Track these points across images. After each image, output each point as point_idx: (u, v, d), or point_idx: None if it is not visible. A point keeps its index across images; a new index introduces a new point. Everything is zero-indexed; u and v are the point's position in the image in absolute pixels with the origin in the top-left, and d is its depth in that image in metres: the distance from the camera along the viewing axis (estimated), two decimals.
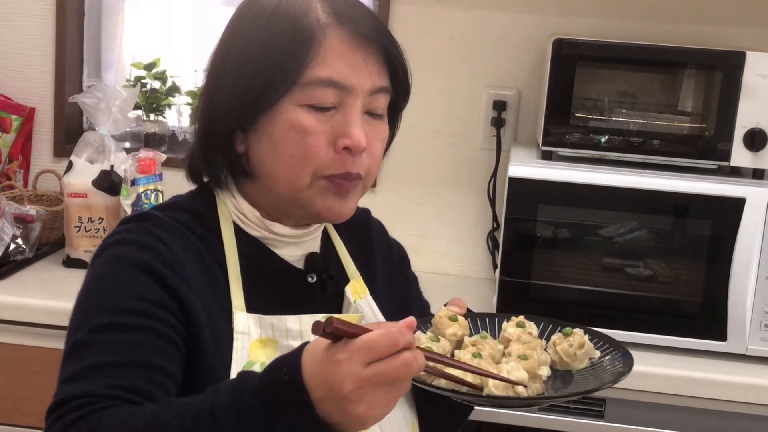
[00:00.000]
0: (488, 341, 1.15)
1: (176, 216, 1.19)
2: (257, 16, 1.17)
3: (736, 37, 2.22)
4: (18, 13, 2.47)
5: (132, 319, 1.06)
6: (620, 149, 2.00)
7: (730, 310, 1.88)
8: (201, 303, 1.12)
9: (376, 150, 1.18)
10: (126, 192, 2.10)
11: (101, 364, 1.04)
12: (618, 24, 2.26)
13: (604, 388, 1.11)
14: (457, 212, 2.38)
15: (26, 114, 2.45)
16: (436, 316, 1.20)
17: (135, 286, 1.09)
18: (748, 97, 1.93)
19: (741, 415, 1.82)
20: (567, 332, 1.17)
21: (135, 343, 1.05)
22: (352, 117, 1.14)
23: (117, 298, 1.08)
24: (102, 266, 1.13)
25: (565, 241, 1.98)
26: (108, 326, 1.06)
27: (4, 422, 1.95)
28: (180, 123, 2.56)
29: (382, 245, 1.39)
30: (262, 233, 1.22)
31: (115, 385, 1.02)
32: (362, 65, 1.14)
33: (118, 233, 1.16)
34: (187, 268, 1.13)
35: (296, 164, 1.14)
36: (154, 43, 2.55)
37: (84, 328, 1.07)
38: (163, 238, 1.14)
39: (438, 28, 2.33)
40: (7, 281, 2.03)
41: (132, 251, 1.12)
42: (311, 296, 1.24)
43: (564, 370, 1.16)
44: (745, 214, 1.87)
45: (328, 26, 1.13)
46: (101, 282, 1.11)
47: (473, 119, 2.36)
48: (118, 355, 1.04)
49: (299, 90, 1.13)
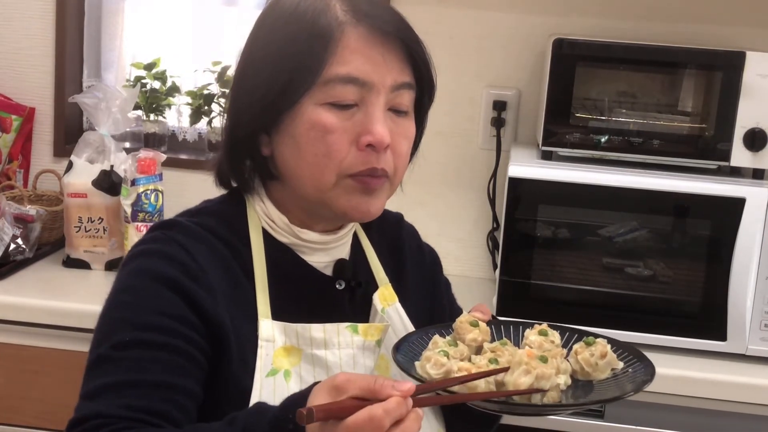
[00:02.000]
0: (508, 348, 1.12)
1: (204, 222, 1.18)
2: (277, 18, 1.17)
3: (736, 37, 2.22)
4: (18, 13, 2.47)
5: (153, 335, 1.07)
6: (620, 149, 2.00)
7: (730, 310, 1.88)
8: (226, 313, 1.12)
9: (401, 148, 1.17)
10: (126, 192, 2.10)
11: (119, 382, 1.05)
12: (618, 24, 2.26)
13: (619, 399, 1.08)
14: (457, 212, 2.38)
15: (26, 114, 2.45)
16: (457, 321, 1.19)
17: (158, 301, 1.09)
18: (748, 97, 1.93)
19: (741, 415, 1.82)
20: (589, 341, 1.15)
21: (154, 362, 1.06)
22: (374, 114, 1.13)
23: (140, 314, 1.09)
24: (127, 278, 1.13)
25: (565, 241, 1.98)
26: (129, 343, 1.07)
27: (4, 422, 1.95)
28: (180, 123, 2.56)
29: (413, 250, 1.38)
30: (290, 239, 1.21)
31: (131, 406, 1.03)
32: (381, 61, 1.13)
33: (144, 243, 1.17)
34: (212, 278, 1.13)
35: (319, 163, 1.13)
36: (154, 43, 2.55)
37: (106, 343, 1.08)
38: (188, 247, 1.13)
39: (438, 28, 2.33)
40: (7, 281, 2.03)
41: (157, 264, 1.12)
42: (339, 303, 1.23)
43: (585, 380, 1.13)
44: (745, 214, 1.87)
45: (346, 24, 1.13)
46: (125, 295, 1.12)
47: (473, 119, 2.36)
48: (137, 374, 1.06)
49: (319, 88, 1.12)
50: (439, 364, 1.07)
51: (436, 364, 1.07)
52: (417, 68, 1.18)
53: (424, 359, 1.09)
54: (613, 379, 1.13)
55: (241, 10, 2.48)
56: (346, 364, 1.17)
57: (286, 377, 1.14)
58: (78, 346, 1.91)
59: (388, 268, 1.31)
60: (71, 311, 1.91)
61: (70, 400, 1.99)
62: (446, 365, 1.07)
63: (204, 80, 2.49)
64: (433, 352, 1.09)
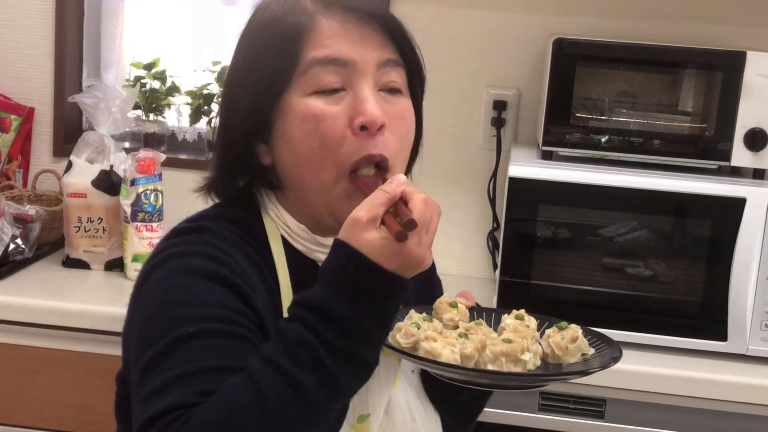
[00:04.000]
0: (482, 328, 1.14)
1: (230, 228, 1.15)
2: (255, 28, 1.17)
3: (736, 37, 2.22)
4: (18, 13, 2.46)
5: (217, 325, 1.02)
6: (620, 149, 2.00)
7: (730, 310, 1.88)
8: (266, 314, 1.10)
9: (399, 128, 1.14)
10: (125, 192, 2.10)
11: (189, 371, 0.98)
12: (618, 24, 2.26)
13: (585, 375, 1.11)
14: (457, 212, 2.38)
15: (26, 114, 2.45)
16: (437, 301, 1.20)
17: (213, 295, 1.05)
18: (749, 97, 1.93)
19: (741, 415, 1.82)
20: (562, 326, 1.17)
21: (222, 348, 1.00)
22: (363, 92, 1.11)
23: (198, 308, 1.03)
24: (170, 278, 1.07)
25: (565, 241, 1.98)
26: (191, 335, 1.00)
27: (4, 422, 1.95)
28: (179, 123, 2.56)
29: None
30: (307, 247, 1.19)
31: (203, 392, 0.96)
32: (359, 40, 1.12)
33: (176, 245, 1.11)
34: (252, 279, 1.10)
35: (316, 156, 1.11)
36: (153, 42, 2.55)
37: (163, 340, 1.00)
38: (226, 250, 1.10)
39: (438, 28, 2.33)
40: (7, 281, 2.02)
41: (202, 262, 1.08)
42: None
43: (555, 363, 1.15)
44: (746, 214, 1.86)
45: (316, 13, 1.13)
46: (175, 294, 1.05)
47: (473, 119, 2.36)
48: (205, 361, 0.99)
49: (301, 79, 1.11)
50: (409, 334, 1.09)
51: (406, 334, 1.09)
52: (399, 47, 1.16)
53: (395, 329, 1.11)
54: (582, 363, 1.14)
55: (241, 10, 2.48)
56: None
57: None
58: (78, 346, 1.91)
59: None
60: (71, 311, 1.90)
61: (70, 400, 1.99)
62: (415, 335, 1.08)
63: (204, 80, 2.49)
64: (405, 323, 1.11)
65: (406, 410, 1.22)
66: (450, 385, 1.14)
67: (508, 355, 1.09)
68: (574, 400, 1.85)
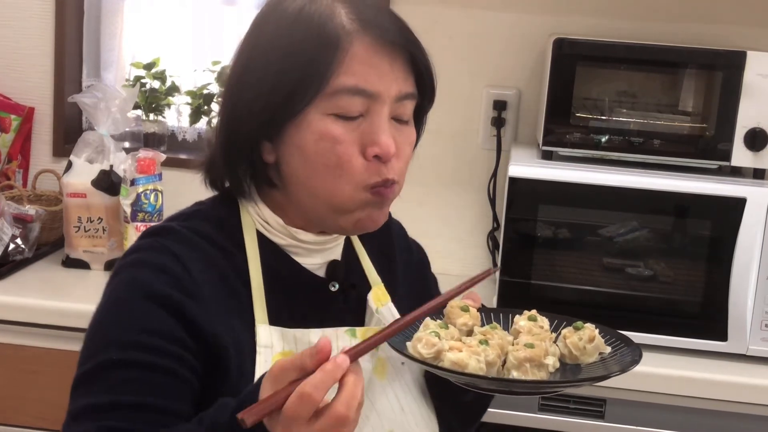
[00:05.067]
0: (498, 332, 1.14)
1: (197, 228, 1.17)
2: (280, 20, 1.14)
3: (736, 37, 2.22)
4: (18, 13, 2.46)
5: (140, 355, 1.06)
6: (620, 149, 2.00)
7: (730, 310, 1.88)
8: (222, 324, 1.11)
9: (405, 154, 1.17)
10: (125, 192, 2.10)
11: (104, 404, 1.05)
12: (618, 24, 2.26)
13: (611, 377, 1.11)
14: (457, 212, 2.38)
15: (25, 114, 2.45)
16: (448, 305, 1.20)
17: (147, 319, 1.08)
18: (749, 97, 1.93)
19: (741, 415, 1.82)
20: (578, 326, 1.17)
21: (140, 383, 1.06)
22: (380, 125, 1.12)
23: (127, 332, 1.08)
24: (117, 290, 1.13)
25: (566, 241, 1.98)
26: (116, 363, 1.06)
27: (4, 422, 1.95)
28: (179, 123, 2.56)
29: (402, 247, 1.38)
30: (286, 240, 1.20)
31: (111, 428, 1.03)
32: (388, 72, 1.12)
33: (137, 251, 1.15)
34: (206, 289, 1.11)
35: (332, 175, 1.12)
36: (153, 42, 2.55)
37: (92, 361, 1.08)
38: (183, 257, 1.12)
39: (438, 28, 2.33)
40: (7, 281, 2.02)
41: (148, 277, 1.10)
42: (334, 305, 1.23)
43: (573, 363, 1.15)
44: (746, 214, 1.86)
45: (353, 33, 1.11)
46: (114, 311, 1.12)
47: (473, 119, 2.36)
48: (122, 396, 1.05)
49: (325, 98, 1.11)
50: (430, 344, 1.09)
51: (428, 344, 1.09)
52: (420, 77, 1.17)
53: (415, 339, 1.11)
54: (600, 362, 1.15)
55: (241, 10, 2.48)
56: None
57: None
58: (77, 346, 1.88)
59: (379, 266, 1.31)
60: (70, 311, 1.90)
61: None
62: (437, 345, 1.09)
63: (203, 80, 2.49)
64: (425, 333, 1.11)
65: (394, 400, 1.22)
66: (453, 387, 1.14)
67: (533, 360, 1.09)
68: (574, 400, 1.85)
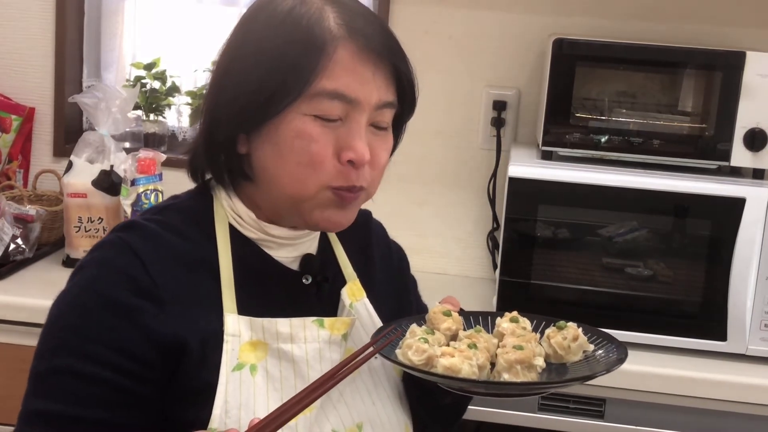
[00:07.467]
0: (483, 335, 1.16)
1: (167, 220, 1.19)
2: (269, 18, 1.16)
3: (736, 37, 2.22)
4: (18, 13, 2.47)
5: (90, 367, 1.09)
6: (620, 149, 2.00)
7: (730, 310, 1.88)
8: (184, 318, 1.12)
9: (380, 161, 1.18)
10: (126, 192, 2.10)
11: (53, 412, 1.09)
12: (618, 24, 2.26)
13: (600, 375, 1.12)
14: (457, 212, 2.38)
15: (26, 114, 2.45)
16: (431, 311, 1.21)
17: (100, 328, 1.10)
18: (748, 97, 1.93)
19: (741, 415, 1.82)
20: (561, 326, 1.18)
21: (86, 396, 1.09)
22: (357, 130, 1.14)
23: (80, 340, 1.10)
24: (76, 291, 1.14)
25: (565, 241, 1.98)
26: (65, 370, 1.09)
27: (4, 422, 1.95)
28: (180, 123, 2.57)
29: (382, 247, 1.39)
30: (257, 234, 1.21)
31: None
32: (370, 80, 1.14)
33: (101, 248, 1.17)
34: (166, 288, 1.12)
35: (302, 172, 1.13)
36: (154, 43, 2.55)
37: (44, 361, 1.12)
38: (143, 254, 1.13)
39: (438, 28, 2.33)
40: (7, 281, 2.02)
41: (105, 282, 1.12)
42: (306, 298, 1.24)
43: (558, 363, 1.16)
44: (745, 214, 1.86)
45: (339, 38, 1.12)
46: (69, 313, 1.13)
47: (473, 119, 2.36)
48: (70, 407, 1.09)
49: (306, 100, 1.12)
50: (420, 350, 1.10)
51: (418, 351, 1.10)
52: (401, 87, 1.18)
53: (405, 347, 1.12)
54: (585, 360, 1.16)
55: (241, 11, 2.47)
56: (313, 359, 1.18)
57: (252, 372, 1.14)
58: None
59: (357, 264, 1.32)
60: None
61: None
62: (428, 351, 1.10)
63: (204, 80, 2.49)
64: (414, 340, 1.12)
65: (365, 393, 1.23)
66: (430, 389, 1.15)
67: (523, 362, 1.10)
68: (574, 400, 1.85)
